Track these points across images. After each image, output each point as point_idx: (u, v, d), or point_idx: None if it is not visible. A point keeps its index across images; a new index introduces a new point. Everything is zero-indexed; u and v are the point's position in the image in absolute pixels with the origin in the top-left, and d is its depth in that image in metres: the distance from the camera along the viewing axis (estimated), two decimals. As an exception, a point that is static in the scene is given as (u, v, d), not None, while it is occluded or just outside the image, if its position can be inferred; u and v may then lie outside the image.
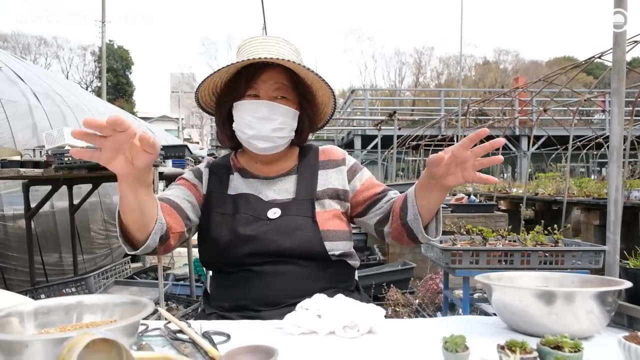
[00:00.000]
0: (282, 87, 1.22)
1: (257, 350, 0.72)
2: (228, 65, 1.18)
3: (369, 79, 37.44)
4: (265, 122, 1.18)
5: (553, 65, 24.39)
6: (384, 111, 15.76)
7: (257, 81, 1.20)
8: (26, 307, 0.79)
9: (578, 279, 1.01)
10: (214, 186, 1.28)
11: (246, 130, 1.20)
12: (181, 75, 38.94)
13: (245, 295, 1.16)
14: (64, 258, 4.77)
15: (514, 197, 8.69)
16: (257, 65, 1.21)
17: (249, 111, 1.19)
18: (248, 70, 1.21)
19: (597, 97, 8.65)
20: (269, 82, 1.20)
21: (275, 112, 1.19)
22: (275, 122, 1.19)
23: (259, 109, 1.18)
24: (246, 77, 1.20)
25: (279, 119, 1.19)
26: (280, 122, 1.20)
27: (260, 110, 1.18)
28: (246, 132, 1.20)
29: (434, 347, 0.78)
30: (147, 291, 3.54)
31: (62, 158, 3.08)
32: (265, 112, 1.18)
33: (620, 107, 1.75)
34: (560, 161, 10.80)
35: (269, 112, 1.18)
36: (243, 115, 1.20)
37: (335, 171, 1.31)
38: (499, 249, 2.20)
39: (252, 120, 1.19)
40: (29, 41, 29.79)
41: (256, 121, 1.18)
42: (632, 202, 5.51)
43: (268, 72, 1.20)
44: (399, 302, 3.32)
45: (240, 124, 1.21)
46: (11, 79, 4.78)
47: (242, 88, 1.21)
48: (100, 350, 0.57)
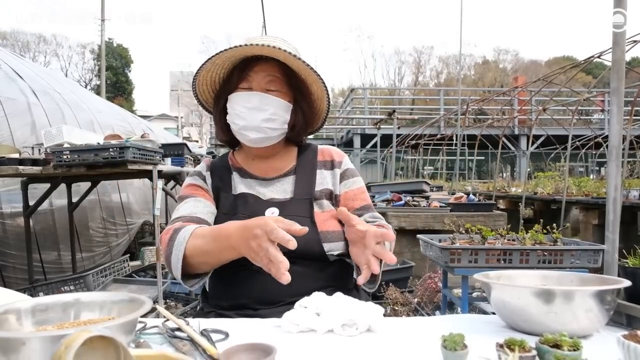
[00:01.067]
0: (275, 79, 1.22)
1: (256, 348, 0.72)
2: (217, 53, 1.18)
3: (368, 78, 37.44)
4: (256, 112, 1.18)
5: (552, 65, 24.39)
6: (384, 110, 15.75)
7: (250, 73, 1.21)
8: (24, 304, 0.79)
9: (577, 277, 1.01)
10: (218, 187, 1.27)
11: (237, 121, 1.21)
12: (180, 73, 38.85)
13: (243, 294, 1.16)
14: (63, 256, 4.77)
15: (513, 197, 8.69)
16: (251, 58, 1.21)
17: (241, 102, 1.20)
18: (242, 63, 1.22)
19: (596, 96, 8.66)
20: (261, 74, 1.21)
21: (267, 103, 1.19)
22: (266, 113, 1.19)
23: (250, 99, 1.19)
24: (239, 69, 1.21)
25: (270, 109, 1.19)
26: (271, 112, 1.19)
27: (251, 100, 1.19)
28: (237, 122, 1.21)
29: (432, 345, 0.78)
30: (145, 289, 3.54)
31: (60, 156, 3.07)
32: (256, 102, 1.19)
33: (619, 106, 1.75)
34: (559, 160, 10.82)
35: (259, 102, 1.19)
36: (235, 106, 1.21)
37: (331, 173, 1.30)
38: (497, 247, 2.20)
39: (243, 111, 1.19)
40: (28, 39, 29.72)
41: (247, 111, 1.19)
42: (631, 202, 5.51)
43: (261, 65, 1.21)
44: (397, 301, 3.32)
45: (232, 115, 1.22)
46: (10, 77, 4.77)
47: (235, 80, 1.22)
48: (97, 348, 0.57)
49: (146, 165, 3.27)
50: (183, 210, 1.20)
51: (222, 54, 1.18)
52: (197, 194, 1.26)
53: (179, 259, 1.06)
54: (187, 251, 1.06)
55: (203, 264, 1.08)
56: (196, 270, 1.11)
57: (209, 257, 1.06)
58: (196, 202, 1.23)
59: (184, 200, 1.25)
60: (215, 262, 1.08)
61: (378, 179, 12.53)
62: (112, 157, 3.03)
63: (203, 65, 1.22)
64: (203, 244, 1.05)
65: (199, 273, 1.12)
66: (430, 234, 2.62)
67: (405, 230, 4.47)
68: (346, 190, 1.30)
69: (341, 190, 1.30)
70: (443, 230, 3.52)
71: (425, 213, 4.62)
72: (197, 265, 1.08)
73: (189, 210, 1.20)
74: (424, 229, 4.40)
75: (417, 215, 4.59)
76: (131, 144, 3.13)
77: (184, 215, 1.18)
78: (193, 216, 1.18)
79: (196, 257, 1.06)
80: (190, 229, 1.08)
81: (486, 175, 18.39)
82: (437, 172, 14.47)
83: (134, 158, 3.08)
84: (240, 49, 1.16)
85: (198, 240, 1.06)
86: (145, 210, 6.60)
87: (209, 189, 1.28)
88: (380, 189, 5.75)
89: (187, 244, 1.05)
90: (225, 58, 1.21)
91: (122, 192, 6.09)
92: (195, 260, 1.07)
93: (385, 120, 10.89)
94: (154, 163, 3.35)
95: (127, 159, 3.02)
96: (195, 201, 1.23)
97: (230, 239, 0.99)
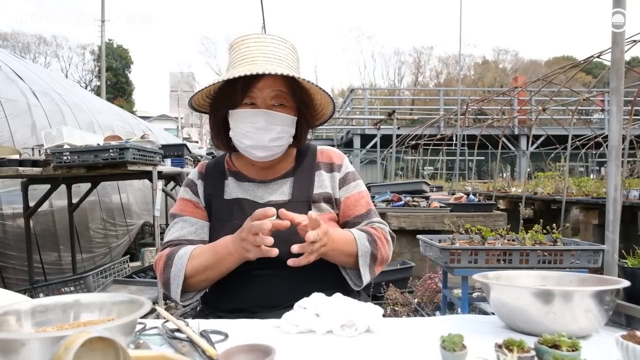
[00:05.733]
0: (280, 94, 1.18)
1: (255, 349, 0.72)
2: (222, 80, 1.15)
3: (368, 78, 37.36)
4: (264, 132, 1.16)
5: (552, 65, 24.39)
6: (383, 110, 15.75)
7: (254, 89, 1.16)
8: (23, 305, 0.79)
9: (576, 278, 1.01)
10: (210, 192, 1.27)
11: (244, 140, 1.18)
12: (180, 74, 38.84)
13: (242, 298, 1.16)
14: (63, 257, 4.76)
15: (513, 197, 8.68)
16: None
17: (247, 121, 1.17)
18: (244, 77, 1.15)
19: (596, 96, 8.66)
20: (266, 90, 1.16)
21: (274, 122, 1.17)
22: (274, 132, 1.17)
23: (257, 120, 1.16)
24: (243, 85, 1.16)
25: (277, 128, 1.17)
26: (278, 131, 1.17)
27: (258, 120, 1.16)
28: (244, 142, 1.18)
29: (432, 346, 0.78)
30: (145, 290, 3.54)
31: (60, 157, 3.07)
32: (263, 123, 1.16)
33: (619, 106, 1.75)
34: (559, 160, 10.81)
35: (267, 122, 1.16)
36: (240, 125, 1.18)
37: (329, 176, 1.29)
38: (497, 248, 2.20)
39: (250, 131, 1.16)
40: (29, 40, 29.73)
41: (254, 131, 1.16)
42: (631, 202, 5.50)
43: (265, 80, 1.16)
44: (397, 301, 3.31)
45: (238, 133, 1.19)
46: (10, 78, 4.77)
47: (239, 96, 1.17)
48: (97, 349, 0.57)
49: (146, 166, 3.27)
50: (171, 235, 1.24)
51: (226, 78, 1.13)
52: (185, 211, 1.27)
53: (178, 284, 1.13)
54: (187, 273, 1.12)
55: (203, 281, 1.15)
56: (193, 289, 1.17)
57: (211, 271, 1.12)
58: (184, 224, 1.24)
59: (174, 220, 1.28)
60: (217, 274, 1.14)
61: (378, 180, 12.53)
62: (112, 158, 3.03)
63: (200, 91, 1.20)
64: (203, 261, 1.12)
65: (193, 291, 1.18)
66: (430, 234, 2.62)
67: (405, 231, 4.47)
68: (347, 195, 1.29)
69: (341, 196, 1.28)
70: (443, 231, 3.52)
71: (425, 213, 4.62)
72: (196, 283, 1.15)
73: (176, 234, 1.23)
74: (424, 230, 4.39)
75: (417, 215, 4.59)
76: (131, 144, 3.13)
77: (173, 240, 1.22)
78: (182, 239, 1.22)
79: (197, 276, 1.13)
80: (187, 253, 1.14)
81: (486, 176, 18.38)
82: (437, 173, 14.47)
83: (134, 159, 3.08)
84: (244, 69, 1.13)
85: (196, 260, 1.13)
86: (145, 211, 6.60)
87: (200, 199, 1.27)
88: (380, 190, 5.75)
89: (186, 270, 1.12)
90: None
91: (122, 193, 6.09)
92: (195, 280, 1.14)
93: (385, 120, 10.90)
94: (154, 164, 3.35)
95: (127, 160, 3.02)
96: (183, 222, 1.25)
97: (228, 247, 1.09)
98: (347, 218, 1.27)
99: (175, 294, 1.13)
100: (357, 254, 1.16)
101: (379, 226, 1.26)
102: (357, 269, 1.18)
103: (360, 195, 1.30)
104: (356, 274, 1.20)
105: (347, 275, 1.21)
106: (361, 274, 1.17)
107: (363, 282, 1.19)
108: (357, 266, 1.17)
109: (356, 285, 1.21)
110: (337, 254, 1.15)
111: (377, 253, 1.19)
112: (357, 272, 1.19)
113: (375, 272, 1.22)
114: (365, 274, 1.18)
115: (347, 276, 1.21)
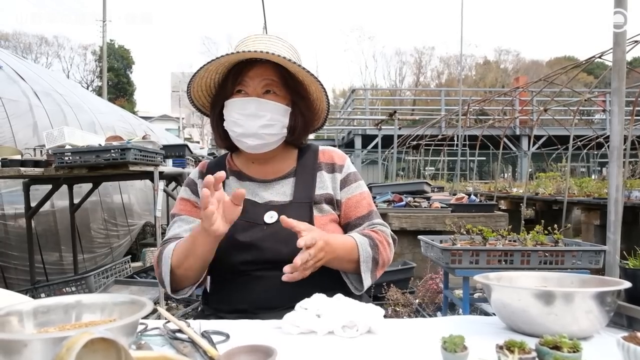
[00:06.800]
0: (271, 83, 1.19)
1: (256, 350, 0.72)
2: (209, 62, 1.16)
3: (369, 78, 37.33)
4: (253, 119, 1.17)
5: (554, 65, 24.36)
6: (385, 111, 15.74)
7: (245, 78, 1.18)
8: (25, 306, 0.79)
9: (577, 279, 1.01)
10: None
11: (235, 129, 1.19)
12: (182, 74, 38.80)
13: (244, 299, 1.16)
14: (64, 257, 4.77)
15: (515, 197, 8.67)
16: (245, 62, 1.19)
17: (237, 108, 1.18)
18: (236, 67, 1.19)
19: (597, 96, 8.65)
20: (256, 78, 1.18)
21: (263, 109, 1.17)
22: (263, 119, 1.17)
23: (246, 106, 1.17)
24: (234, 74, 1.19)
25: (267, 115, 1.17)
26: (268, 118, 1.17)
27: (247, 107, 1.17)
28: (235, 130, 1.19)
29: (433, 347, 0.78)
30: (147, 290, 3.55)
31: (62, 157, 3.08)
32: (253, 109, 1.16)
33: (620, 106, 1.75)
34: (560, 161, 10.79)
35: (256, 108, 1.16)
36: (231, 113, 1.19)
37: (331, 177, 1.28)
38: (499, 248, 2.20)
39: (240, 118, 1.17)
40: (30, 40, 29.75)
41: (244, 118, 1.17)
42: (633, 202, 5.49)
43: (256, 69, 1.18)
44: (399, 302, 3.31)
45: (230, 122, 1.20)
46: (12, 78, 4.78)
47: (230, 85, 1.19)
48: (99, 350, 0.57)
49: (147, 167, 3.27)
50: (168, 234, 1.26)
51: (215, 61, 1.16)
52: (184, 210, 1.28)
53: (166, 273, 1.13)
54: (172, 265, 1.12)
55: (189, 269, 1.13)
56: (184, 282, 1.16)
57: (192, 258, 1.11)
58: (181, 223, 1.26)
59: (173, 219, 1.29)
60: (198, 260, 1.11)
61: (379, 180, 12.53)
62: (114, 159, 3.04)
63: (196, 73, 1.20)
64: (183, 250, 1.12)
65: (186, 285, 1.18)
66: (431, 234, 2.62)
67: (406, 231, 4.47)
68: (348, 196, 1.28)
69: (343, 197, 1.28)
70: (444, 231, 3.52)
71: (427, 214, 4.62)
72: (183, 274, 1.14)
73: (174, 232, 1.25)
74: (425, 230, 4.39)
75: (418, 216, 4.58)
76: (132, 145, 3.13)
77: (170, 239, 1.24)
78: (178, 237, 1.23)
79: (181, 266, 1.12)
80: (172, 247, 1.15)
81: (487, 176, 18.37)
82: (438, 173, 14.45)
83: (136, 159, 3.08)
84: (233, 55, 1.15)
85: (178, 249, 1.14)
86: (146, 211, 6.60)
87: (198, 198, 1.27)
88: (382, 190, 5.74)
89: (171, 262, 1.13)
90: (218, 64, 1.19)
91: (124, 193, 6.09)
92: (181, 270, 1.13)
93: (387, 120, 10.88)
94: (155, 164, 3.35)
95: (128, 160, 3.03)
96: (181, 221, 1.26)
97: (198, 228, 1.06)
98: (349, 219, 1.27)
99: (169, 289, 1.15)
100: (358, 259, 1.15)
101: (380, 229, 1.25)
102: (358, 273, 1.17)
103: (361, 196, 1.29)
104: (357, 279, 1.19)
105: (347, 279, 1.20)
106: (362, 278, 1.17)
107: (364, 287, 1.18)
108: (359, 271, 1.16)
109: (357, 289, 1.19)
110: (339, 262, 1.14)
111: (379, 257, 1.19)
112: (358, 277, 1.18)
113: (377, 276, 1.21)
114: (367, 279, 1.17)
115: (347, 281, 1.20)
